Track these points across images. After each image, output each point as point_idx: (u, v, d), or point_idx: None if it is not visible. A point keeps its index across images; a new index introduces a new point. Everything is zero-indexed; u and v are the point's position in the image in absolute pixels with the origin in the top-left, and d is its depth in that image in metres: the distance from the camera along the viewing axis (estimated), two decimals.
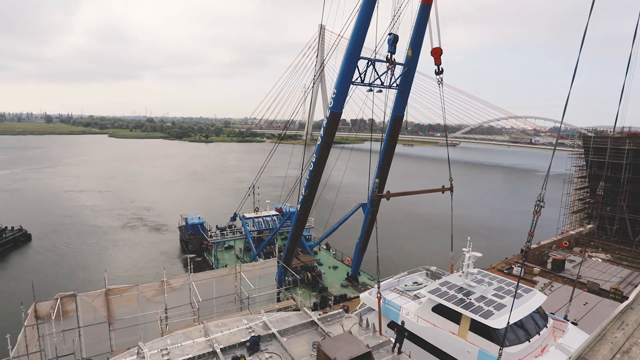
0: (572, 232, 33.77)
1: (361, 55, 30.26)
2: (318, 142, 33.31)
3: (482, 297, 21.90)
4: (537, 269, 41.17)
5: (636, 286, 16.02)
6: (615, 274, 40.23)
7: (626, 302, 7.44)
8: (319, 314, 21.33)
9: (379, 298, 23.11)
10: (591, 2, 14.10)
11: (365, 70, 31.16)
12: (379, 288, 23.51)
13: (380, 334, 21.76)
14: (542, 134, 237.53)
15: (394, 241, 63.64)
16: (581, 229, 32.53)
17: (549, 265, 42.03)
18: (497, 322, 19.48)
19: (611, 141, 49.32)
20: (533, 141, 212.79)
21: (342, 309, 21.62)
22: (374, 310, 25.27)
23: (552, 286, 36.93)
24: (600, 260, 44.51)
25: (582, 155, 56.09)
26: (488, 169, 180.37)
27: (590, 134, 56.00)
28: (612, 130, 56.35)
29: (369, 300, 26.28)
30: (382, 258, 24.38)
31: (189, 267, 26.65)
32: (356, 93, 35.15)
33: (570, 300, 27.90)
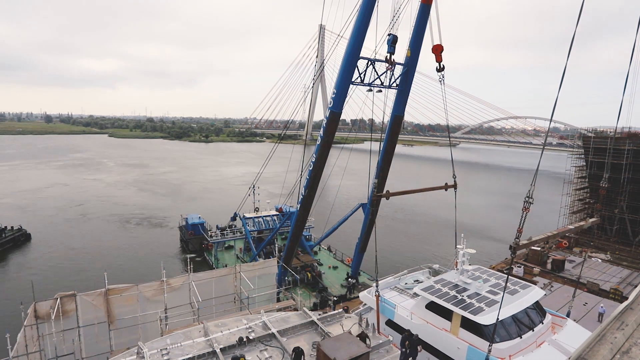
0: (570, 227, 33.72)
1: (361, 55, 30.23)
2: (318, 142, 33.21)
3: (476, 294, 21.89)
4: (537, 269, 41.22)
5: (636, 286, 16.04)
6: (615, 274, 40.27)
7: (626, 303, 7.43)
8: (319, 314, 21.34)
9: (377, 296, 23.11)
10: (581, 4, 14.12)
11: (365, 70, 31.09)
12: (377, 286, 23.53)
13: (379, 332, 21.83)
14: (542, 134, 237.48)
15: (397, 241, 63.66)
16: (582, 223, 32.26)
17: (549, 266, 42.08)
18: (486, 318, 19.42)
19: (611, 141, 49.31)
20: (533, 141, 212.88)
21: (342, 309, 21.64)
22: (373, 309, 25.23)
23: (552, 286, 36.95)
24: (600, 260, 44.54)
25: (582, 156, 56.10)
26: (489, 170, 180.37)
27: (590, 134, 55.99)
28: (611, 130, 56.53)
29: (368, 299, 26.33)
30: (384, 258, 24.46)
31: (188, 267, 26.64)
32: (356, 93, 35.14)
33: (573, 298, 27.89)
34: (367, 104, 31.99)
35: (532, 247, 45.57)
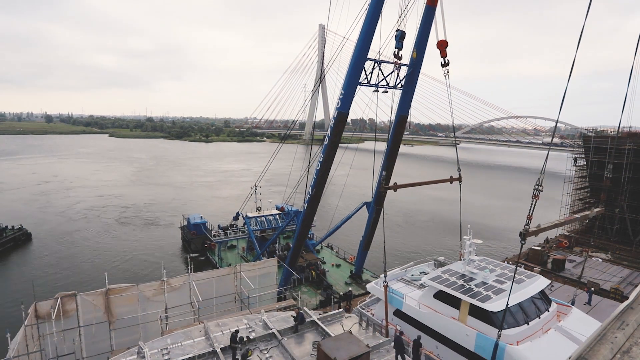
0: (576, 215, 34.22)
1: (366, 56, 30.66)
2: (325, 142, 33.69)
3: (483, 283, 22.42)
4: (537, 269, 41.16)
5: (636, 286, 16.15)
6: (615, 274, 40.24)
7: (626, 302, 7.42)
8: (319, 314, 21.37)
9: (386, 287, 23.52)
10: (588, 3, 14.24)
11: (372, 72, 31.67)
12: (385, 277, 23.93)
13: (387, 322, 22.42)
14: (543, 134, 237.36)
15: (399, 240, 63.63)
16: (587, 212, 32.58)
17: (549, 265, 42.04)
18: (494, 305, 19.96)
19: (612, 141, 49.25)
20: (533, 141, 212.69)
21: (343, 309, 21.67)
22: (380, 299, 25.83)
23: (552, 286, 36.90)
24: (600, 260, 44.51)
25: (583, 155, 56.05)
26: (488, 169, 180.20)
27: (590, 134, 55.92)
28: (612, 130, 56.47)
29: (375, 290, 26.88)
30: (388, 254, 24.71)
31: (189, 267, 26.65)
32: (358, 94, 35.47)
33: (576, 290, 28.08)
34: (369, 106, 32.31)
35: (533, 247, 45.60)
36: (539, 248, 45.67)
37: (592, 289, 33.59)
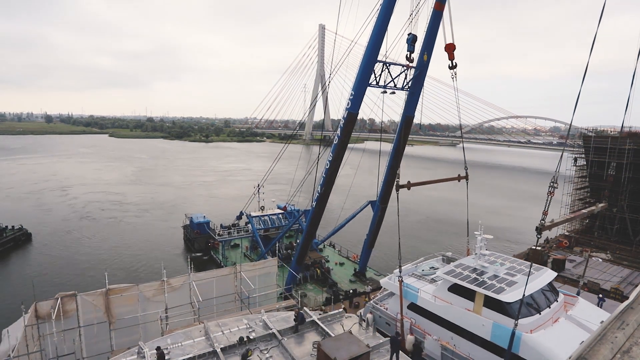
0: (584, 211, 35.16)
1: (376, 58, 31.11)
2: (334, 142, 34.20)
3: (495, 276, 23.45)
4: None
5: (636, 286, 16.33)
6: (615, 274, 40.25)
7: (626, 302, 7.43)
8: (319, 314, 21.37)
9: (400, 281, 24.22)
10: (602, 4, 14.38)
11: (381, 73, 32.24)
12: (400, 272, 24.58)
13: (402, 316, 23.39)
14: (543, 134, 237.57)
15: (405, 237, 63.59)
16: (592, 207, 33.55)
17: (550, 265, 42.01)
18: (508, 296, 20.98)
19: (612, 141, 49.24)
20: (533, 141, 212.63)
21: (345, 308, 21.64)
22: (394, 294, 26.80)
23: None
24: (600, 260, 44.50)
25: (583, 155, 56.02)
26: (488, 169, 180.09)
27: (590, 134, 55.90)
28: (611, 130, 56.45)
29: (389, 285, 27.67)
30: (393, 251, 25.16)
31: (189, 267, 26.63)
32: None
33: (579, 286, 28.68)
34: (369, 107, 32.69)
35: (532, 247, 45.54)
36: (539, 248, 45.62)
37: (601, 295, 33.68)
